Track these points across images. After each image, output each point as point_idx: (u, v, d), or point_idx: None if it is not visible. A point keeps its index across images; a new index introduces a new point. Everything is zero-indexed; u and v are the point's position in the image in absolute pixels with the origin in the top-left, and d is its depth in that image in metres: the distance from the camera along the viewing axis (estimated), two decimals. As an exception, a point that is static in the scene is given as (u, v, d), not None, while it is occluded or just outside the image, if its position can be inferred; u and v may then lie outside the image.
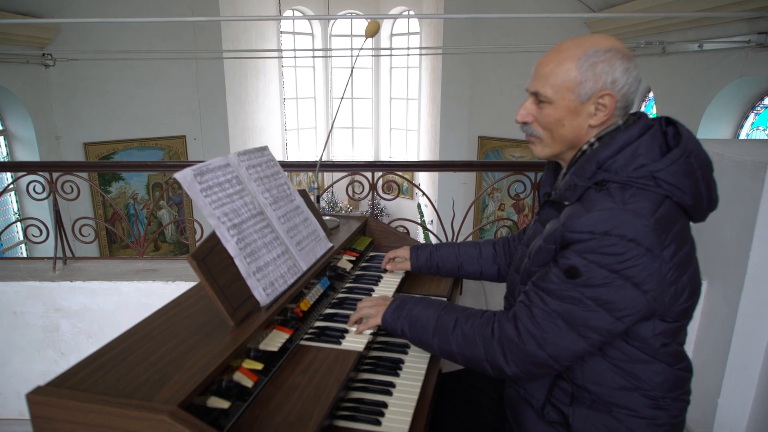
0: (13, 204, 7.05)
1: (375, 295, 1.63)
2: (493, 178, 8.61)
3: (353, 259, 1.80)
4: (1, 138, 6.99)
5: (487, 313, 1.26)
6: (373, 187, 2.49)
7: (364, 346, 1.31)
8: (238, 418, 1.02)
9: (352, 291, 1.64)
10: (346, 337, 1.34)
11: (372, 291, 1.65)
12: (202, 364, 1.02)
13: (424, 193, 2.70)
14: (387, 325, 1.34)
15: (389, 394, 1.22)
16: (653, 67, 6.47)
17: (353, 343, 1.32)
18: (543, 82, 1.18)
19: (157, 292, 2.30)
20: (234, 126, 9.45)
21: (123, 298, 2.32)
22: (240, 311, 1.18)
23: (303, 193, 1.70)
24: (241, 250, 1.25)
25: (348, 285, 1.68)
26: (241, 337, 1.12)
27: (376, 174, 2.49)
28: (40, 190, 2.45)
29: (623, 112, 1.19)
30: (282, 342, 1.23)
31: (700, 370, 2.20)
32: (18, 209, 7.09)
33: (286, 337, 1.25)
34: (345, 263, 1.75)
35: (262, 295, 1.26)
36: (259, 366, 1.12)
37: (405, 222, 2.65)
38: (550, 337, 1.12)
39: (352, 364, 1.23)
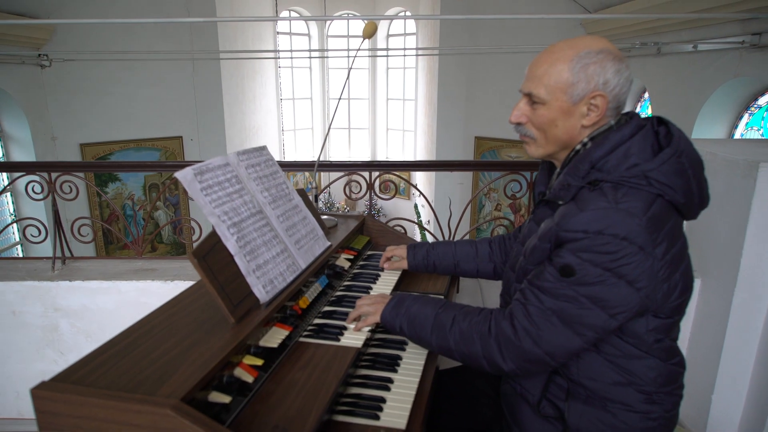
0: (9, 205, 7.04)
1: (373, 293, 1.65)
2: (490, 178, 8.64)
3: (351, 257, 1.82)
4: (-3, 139, 6.99)
5: (484, 310, 1.28)
6: (370, 186, 2.51)
7: (362, 342, 1.33)
8: (239, 412, 1.03)
9: (350, 289, 1.66)
10: (344, 334, 1.36)
11: (370, 289, 1.67)
12: (204, 359, 1.03)
13: (421, 193, 2.72)
14: (385, 322, 1.36)
15: (387, 390, 1.24)
16: (648, 67, 6.51)
17: (352, 339, 1.34)
18: (536, 83, 1.20)
19: (156, 291, 2.32)
20: (231, 127, 9.46)
21: (122, 298, 2.33)
22: (240, 308, 1.20)
23: (301, 192, 1.72)
24: (241, 248, 1.27)
25: (346, 283, 1.70)
26: (242, 334, 1.14)
27: (374, 174, 2.51)
28: (39, 190, 2.46)
29: (615, 113, 1.21)
30: (281, 339, 1.25)
31: (695, 366, 2.24)
32: (14, 210, 7.08)
33: (285, 334, 1.26)
34: (343, 262, 1.77)
35: (261, 292, 1.28)
36: (259, 362, 1.14)
37: (402, 221, 2.67)
38: (546, 334, 1.14)
39: (351, 361, 1.24)
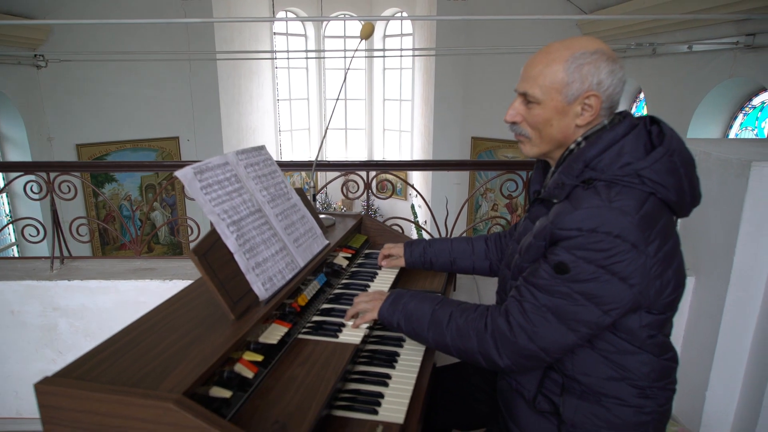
0: (4, 206, 7.02)
1: (370, 290, 1.66)
2: (487, 178, 8.67)
3: (349, 256, 1.83)
4: (-7, 139, 6.97)
5: (480, 307, 1.30)
6: (367, 186, 2.52)
7: (360, 339, 1.35)
8: (240, 407, 1.05)
9: (348, 287, 1.67)
10: (343, 331, 1.38)
11: (368, 287, 1.68)
12: (205, 355, 1.05)
13: (418, 192, 2.74)
14: (383, 318, 1.38)
15: (385, 385, 1.25)
16: (643, 68, 6.55)
17: (350, 336, 1.35)
18: (531, 83, 1.22)
19: (155, 290, 2.33)
20: (227, 127, 9.46)
21: (120, 297, 2.34)
22: (240, 305, 1.22)
23: (299, 191, 1.73)
24: (241, 246, 1.28)
25: (344, 281, 1.72)
26: (242, 330, 1.15)
27: (371, 173, 2.53)
28: (38, 190, 2.46)
29: (609, 112, 1.23)
30: (281, 335, 1.26)
31: (689, 363, 2.26)
32: (10, 211, 7.06)
33: (284, 331, 1.28)
34: (341, 260, 1.78)
35: (261, 289, 1.29)
36: (259, 358, 1.16)
37: (399, 221, 2.69)
38: (541, 330, 1.16)
39: (350, 357, 1.26)
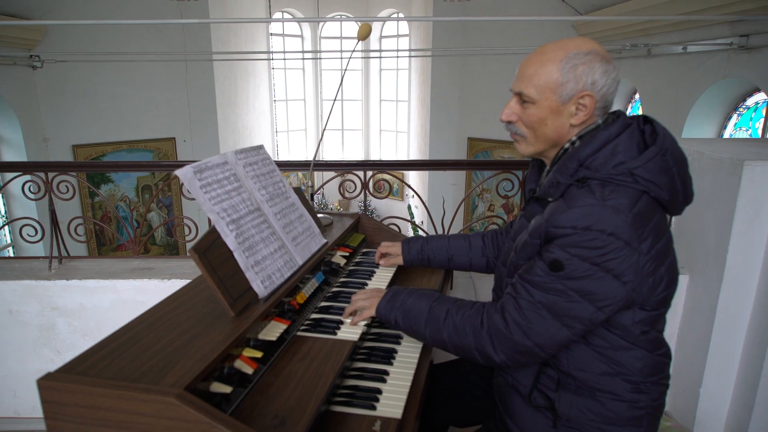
0: (0, 207, 7.01)
1: (368, 288, 1.68)
2: (483, 179, 8.70)
3: (347, 254, 1.85)
4: (-11, 140, 6.96)
5: (476, 304, 1.31)
6: (365, 186, 2.54)
7: (358, 336, 1.36)
8: (240, 402, 1.06)
9: (346, 285, 1.69)
10: (341, 328, 1.39)
11: (365, 285, 1.70)
12: (205, 351, 1.06)
13: (415, 192, 2.76)
14: (381, 315, 1.39)
15: (383, 382, 1.27)
16: (638, 68, 6.59)
17: (348, 333, 1.37)
18: (527, 82, 1.24)
19: (153, 290, 2.34)
20: (224, 128, 9.46)
21: (119, 297, 2.35)
22: (239, 302, 1.23)
23: (297, 190, 1.75)
24: (240, 244, 1.30)
25: (342, 279, 1.73)
26: (241, 327, 1.17)
27: (368, 173, 2.54)
28: (36, 190, 2.47)
29: (603, 112, 1.25)
30: (280, 332, 1.28)
31: (683, 361, 2.29)
32: (5, 212, 7.05)
33: (283, 328, 1.30)
34: (339, 259, 1.80)
35: (260, 287, 1.31)
36: (258, 354, 1.17)
37: (396, 220, 2.70)
38: (536, 326, 1.18)
39: (348, 353, 1.28)
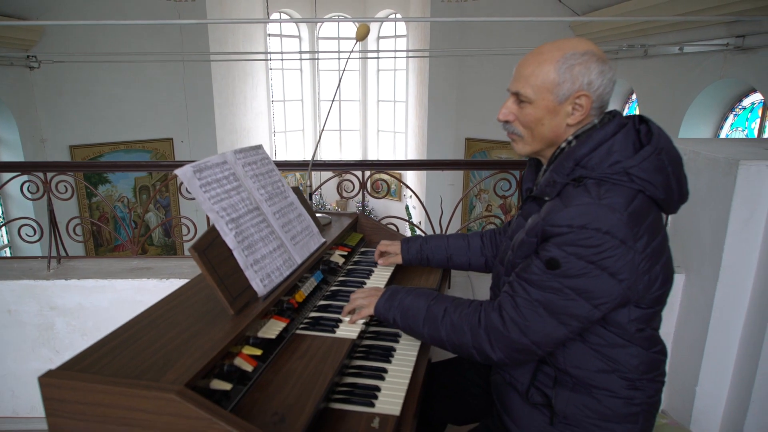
0: (-4, 207, 7.00)
1: (366, 287, 1.69)
2: (480, 179, 8.73)
3: (345, 254, 1.86)
4: (-14, 141, 6.94)
5: (474, 302, 1.32)
6: (363, 185, 2.55)
7: (357, 334, 1.37)
8: (240, 399, 1.07)
9: (344, 284, 1.70)
10: (340, 327, 1.40)
11: (364, 284, 1.71)
12: (205, 349, 1.07)
13: (413, 192, 2.77)
14: (379, 314, 1.40)
15: (382, 379, 1.28)
16: (635, 69, 6.62)
17: (347, 331, 1.38)
18: (524, 82, 1.25)
19: (152, 289, 2.34)
20: (221, 128, 9.46)
21: (117, 296, 2.35)
22: (239, 301, 1.24)
23: (296, 190, 1.76)
24: (239, 243, 1.31)
25: (340, 278, 1.74)
26: (241, 325, 1.18)
27: (366, 173, 2.55)
28: (35, 190, 2.47)
29: (599, 112, 1.26)
30: (279, 330, 1.29)
31: (679, 359, 2.30)
32: (2, 213, 7.03)
33: (282, 326, 1.31)
34: (337, 258, 1.81)
35: (259, 285, 1.32)
36: (258, 352, 1.18)
37: (394, 220, 2.71)
38: (533, 324, 1.19)
39: (347, 351, 1.29)
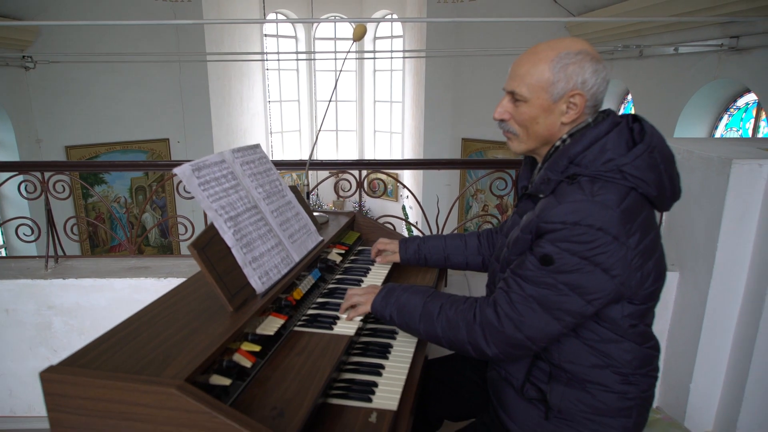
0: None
1: (364, 285, 1.70)
2: (477, 178, 8.75)
3: (342, 252, 1.87)
4: (-19, 141, 6.92)
5: (469, 299, 1.34)
6: (360, 185, 2.56)
7: (354, 331, 1.39)
8: (239, 394, 1.09)
9: (342, 282, 1.71)
10: (337, 324, 1.41)
11: (361, 282, 1.72)
12: (204, 345, 1.08)
13: (411, 192, 2.78)
14: (376, 311, 1.42)
15: (379, 375, 1.29)
16: (631, 69, 6.65)
17: (344, 328, 1.39)
18: (519, 81, 1.27)
19: (149, 288, 2.35)
20: (218, 129, 9.46)
21: (115, 295, 2.36)
22: (237, 298, 1.26)
23: (294, 189, 1.77)
24: (238, 240, 1.32)
25: (338, 276, 1.75)
26: (240, 322, 1.19)
27: (363, 172, 2.56)
28: (32, 190, 2.48)
29: (593, 110, 1.28)
30: (277, 327, 1.30)
31: (674, 357, 2.32)
32: (-2, 212, 7.02)
33: (281, 323, 1.32)
34: (335, 256, 1.82)
35: (257, 283, 1.33)
36: (256, 348, 1.19)
37: (391, 219, 2.72)
38: (527, 320, 1.21)
39: (344, 348, 1.30)
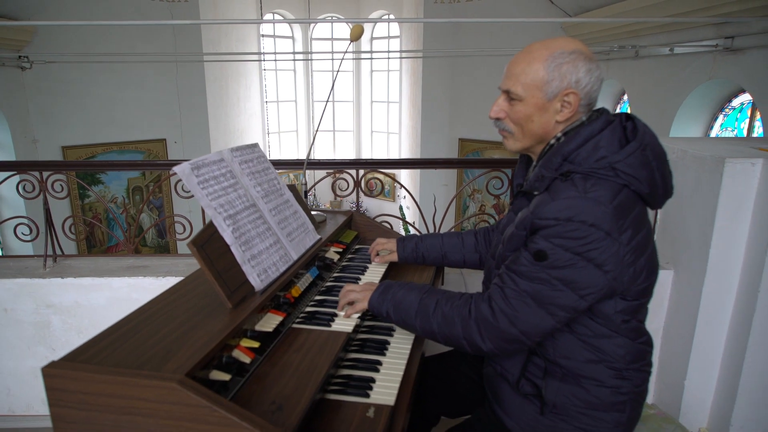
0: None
1: (361, 283, 1.72)
2: (473, 177, 8.78)
3: (340, 250, 1.89)
4: (-23, 141, 6.91)
5: (465, 295, 1.36)
6: (357, 184, 2.58)
7: (352, 328, 1.40)
8: (238, 390, 1.10)
9: (339, 280, 1.73)
10: (335, 321, 1.43)
11: (358, 280, 1.74)
12: (204, 341, 1.10)
13: (408, 191, 2.80)
14: (373, 308, 1.43)
15: (377, 371, 1.31)
16: (627, 70, 6.69)
17: (342, 325, 1.41)
18: (514, 81, 1.29)
19: (148, 287, 2.36)
20: (215, 129, 9.46)
21: (114, 294, 2.37)
22: (236, 294, 1.27)
23: (292, 188, 1.79)
24: (237, 238, 1.33)
25: (336, 275, 1.77)
26: (239, 318, 1.20)
27: (361, 172, 2.58)
28: (31, 189, 2.48)
29: (587, 109, 1.30)
30: (276, 324, 1.31)
31: (668, 354, 2.35)
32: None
33: (279, 320, 1.33)
34: (332, 254, 1.84)
35: (256, 280, 1.34)
36: (255, 344, 1.21)
37: (388, 218, 2.74)
38: (521, 315, 1.23)
39: (342, 344, 1.32)
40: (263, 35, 12.48)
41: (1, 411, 2.54)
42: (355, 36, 1.98)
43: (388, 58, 12.89)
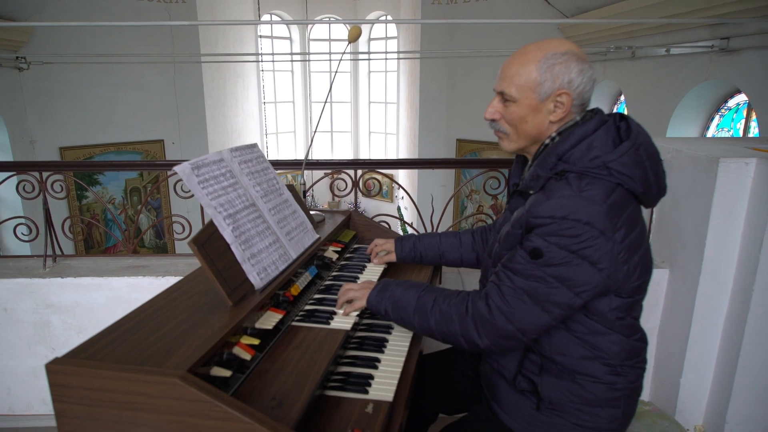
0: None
1: (360, 282, 1.73)
2: (470, 177, 8.80)
3: (338, 250, 1.91)
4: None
5: (462, 292, 1.38)
6: (355, 184, 2.59)
7: (351, 326, 1.42)
8: (239, 386, 1.12)
9: (338, 279, 1.74)
10: (334, 318, 1.45)
11: (357, 279, 1.76)
12: (205, 338, 1.12)
13: (406, 191, 2.82)
14: (371, 306, 1.45)
15: (375, 368, 1.32)
16: (623, 70, 6.72)
17: (341, 323, 1.43)
18: (508, 82, 1.31)
19: (148, 287, 2.37)
20: (213, 130, 9.46)
21: (113, 294, 2.38)
22: (237, 293, 1.29)
23: (291, 188, 1.80)
24: (237, 237, 1.35)
25: (334, 273, 1.79)
26: (239, 316, 1.22)
27: (359, 172, 2.60)
28: (30, 189, 2.50)
29: (580, 109, 1.32)
30: (275, 322, 1.33)
31: (664, 353, 2.37)
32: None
33: (279, 318, 1.35)
34: (331, 254, 1.85)
35: (256, 279, 1.36)
36: (255, 342, 1.22)
37: (386, 218, 2.75)
38: (517, 312, 1.25)
39: (341, 341, 1.33)
40: (261, 36, 12.48)
41: (2, 410, 2.55)
42: (353, 37, 1.99)
43: (386, 59, 12.92)
